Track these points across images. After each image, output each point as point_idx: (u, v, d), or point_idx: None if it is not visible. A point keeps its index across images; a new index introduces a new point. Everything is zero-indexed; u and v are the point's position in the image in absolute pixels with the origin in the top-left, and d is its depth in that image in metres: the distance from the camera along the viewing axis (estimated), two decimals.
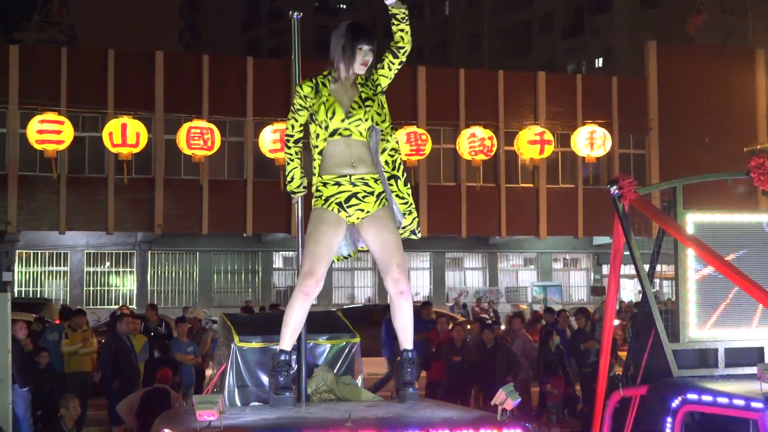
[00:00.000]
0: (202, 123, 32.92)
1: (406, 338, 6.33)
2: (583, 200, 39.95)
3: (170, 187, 36.13)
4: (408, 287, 6.26)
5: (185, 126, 32.60)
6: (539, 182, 39.47)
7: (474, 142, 34.96)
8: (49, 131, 31.07)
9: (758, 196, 24.90)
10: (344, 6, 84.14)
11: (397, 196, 6.48)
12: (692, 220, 8.36)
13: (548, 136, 35.39)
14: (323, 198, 6.35)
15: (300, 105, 6.45)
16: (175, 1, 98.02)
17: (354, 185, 6.34)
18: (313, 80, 6.47)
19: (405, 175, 6.54)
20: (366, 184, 6.35)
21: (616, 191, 8.30)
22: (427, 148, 34.25)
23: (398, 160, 6.48)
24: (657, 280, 35.33)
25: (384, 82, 6.52)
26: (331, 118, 6.32)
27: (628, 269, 13.84)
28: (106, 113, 34.40)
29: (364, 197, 6.33)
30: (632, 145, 41.20)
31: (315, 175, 6.41)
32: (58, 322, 20.60)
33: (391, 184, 6.44)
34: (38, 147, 31.51)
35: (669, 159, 39.93)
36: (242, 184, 36.96)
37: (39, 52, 37.66)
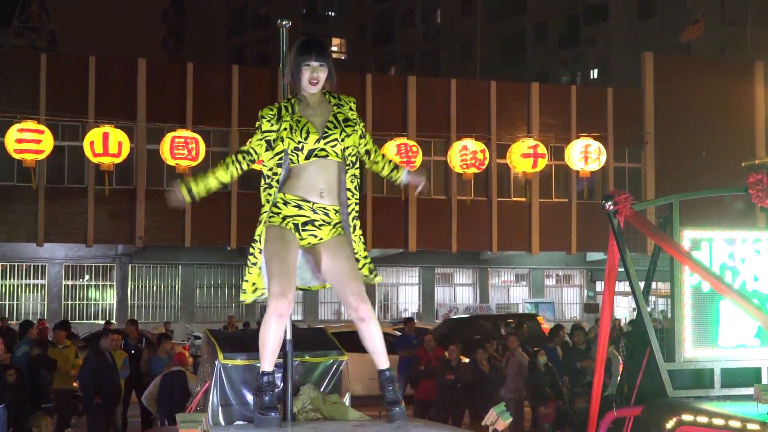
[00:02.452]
0: (186, 132, 32.83)
1: (380, 359, 6.23)
2: (576, 215, 39.83)
3: (152, 198, 35.45)
4: (368, 312, 6.13)
5: (168, 135, 32.47)
6: (532, 196, 39.34)
7: (465, 154, 34.78)
8: (28, 140, 30.82)
9: (756, 213, 24.68)
10: (333, 13, 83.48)
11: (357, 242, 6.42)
12: (688, 236, 8.38)
13: (542, 149, 35.34)
14: (281, 216, 6.20)
15: (267, 129, 6.15)
16: (159, 6, 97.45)
17: (314, 212, 6.21)
18: (275, 106, 6.23)
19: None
20: (326, 214, 6.23)
21: (612, 207, 8.25)
22: (418, 160, 34.08)
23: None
24: (653, 298, 35.00)
25: (363, 151, 6.40)
26: (305, 139, 6.11)
27: (622, 286, 13.53)
28: (86, 122, 34.12)
29: (320, 225, 6.23)
30: (628, 158, 41.04)
31: (275, 187, 6.16)
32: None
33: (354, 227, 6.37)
34: (16, 156, 31.23)
35: (665, 173, 39.85)
36: (226, 196, 36.32)
37: (17, 58, 37.60)
